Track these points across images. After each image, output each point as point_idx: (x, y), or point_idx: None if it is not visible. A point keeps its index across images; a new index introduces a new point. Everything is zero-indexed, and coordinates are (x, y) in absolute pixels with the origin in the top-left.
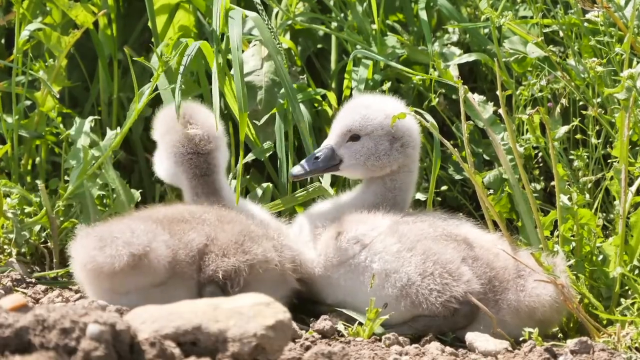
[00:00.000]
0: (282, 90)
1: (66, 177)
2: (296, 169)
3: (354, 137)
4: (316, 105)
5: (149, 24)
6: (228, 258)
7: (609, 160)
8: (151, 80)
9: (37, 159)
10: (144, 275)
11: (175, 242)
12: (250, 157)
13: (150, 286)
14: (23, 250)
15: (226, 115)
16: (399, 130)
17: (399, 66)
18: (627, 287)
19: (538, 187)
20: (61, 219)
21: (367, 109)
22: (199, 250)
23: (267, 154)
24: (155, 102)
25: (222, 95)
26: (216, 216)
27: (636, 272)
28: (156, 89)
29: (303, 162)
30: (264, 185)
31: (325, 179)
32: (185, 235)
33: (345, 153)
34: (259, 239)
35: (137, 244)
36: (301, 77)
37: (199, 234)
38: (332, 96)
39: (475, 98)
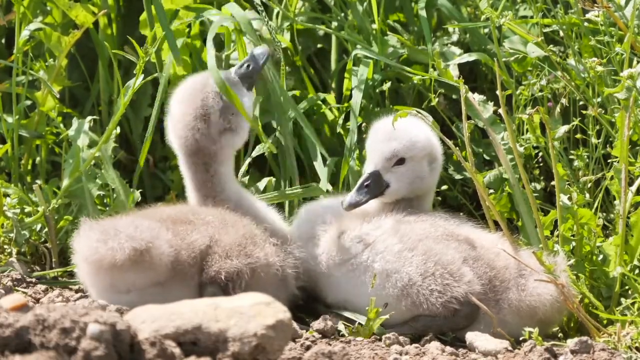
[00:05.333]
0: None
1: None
2: (348, 201)
3: (400, 161)
4: (316, 108)
5: (144, 31)
6: (231, 260)
7: (609, 160)
8: (156, 79)
9: (37, 159)
10: (145, 272)
11: (178, 241)
12: (256, 152)
13: (150, 285)
14: (23, 249)
15: None
16: (435, 151)
17: (400, 65)
18: (627, 287)
19: (538, 186)
20: (56, 217)
21: (409, 132)
22: (201, 251)
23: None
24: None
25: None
26: (220, 219)
27: (636, 271)
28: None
29: (353, 192)
30: (266, 179)
31: (323, 178)
32: (188, 236)
33: (392, 177)
34: (261, 243)
35: (140, 238)
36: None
37: (202, 235)
38: (330, 98)
39: (476, 98)
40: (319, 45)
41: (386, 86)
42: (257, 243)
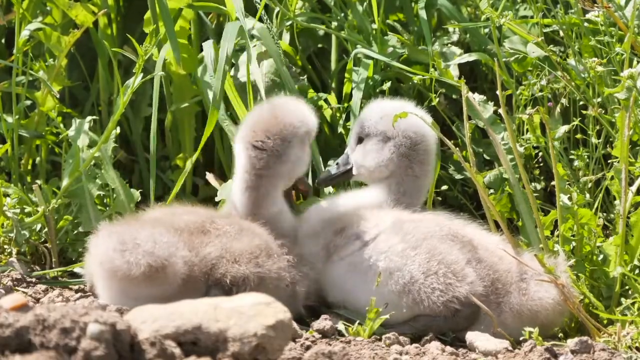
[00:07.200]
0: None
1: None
2: (321, 176)
3: (359, 140)
4: (317, 106)
5: (148, 30)
6: (239, 265)
7: (609, 160)
8: (152, 79)
9: (37, 159)
10: (157, 287)
11: (192, 257)
12: None
13: (159, 297)
14: (23, 249)
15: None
16: (391, 131)
17: (400, 65)
18: (627, 287)
19: (538, 186)
20: (56, 217)
21: (369, 110)
22: (213, 265)
23: None
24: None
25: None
26: (237, 228)
27: (636, 271)
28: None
29: (327, 169)
30: None
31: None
32: (202, 249)
33: (354, 157)
34: (276, 257)
35: (157, 255)
36: (301, 77)
37: (216, 248)
38: (332, 98)
39: (476, 98)
40: (319, 45)
41: (386, 86)
42: (271, 256)
